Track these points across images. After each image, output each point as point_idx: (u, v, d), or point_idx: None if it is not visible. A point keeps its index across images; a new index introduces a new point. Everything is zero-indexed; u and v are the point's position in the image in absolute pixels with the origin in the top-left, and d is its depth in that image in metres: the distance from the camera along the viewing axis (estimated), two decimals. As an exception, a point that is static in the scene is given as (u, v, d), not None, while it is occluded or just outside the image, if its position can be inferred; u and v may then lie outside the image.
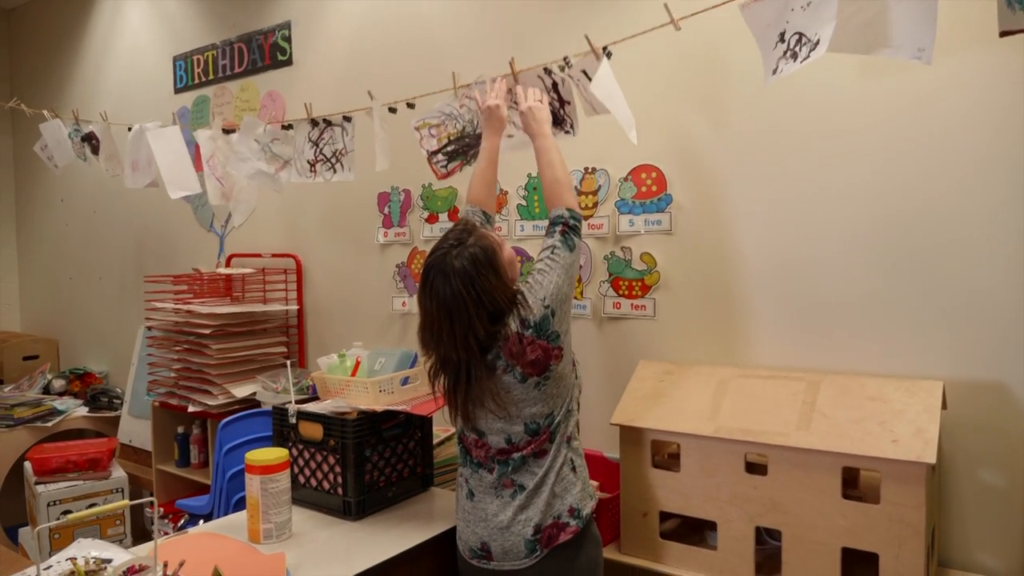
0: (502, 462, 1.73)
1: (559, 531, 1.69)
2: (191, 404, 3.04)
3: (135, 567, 1.47)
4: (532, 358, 1.66)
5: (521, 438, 1.71)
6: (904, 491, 1.63)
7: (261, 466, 1.84)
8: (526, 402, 1.69)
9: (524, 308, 1.68)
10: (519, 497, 1.70)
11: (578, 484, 1.74)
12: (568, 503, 1.71)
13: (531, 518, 1.69)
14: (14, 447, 3.72)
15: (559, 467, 1.72)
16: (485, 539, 1.72)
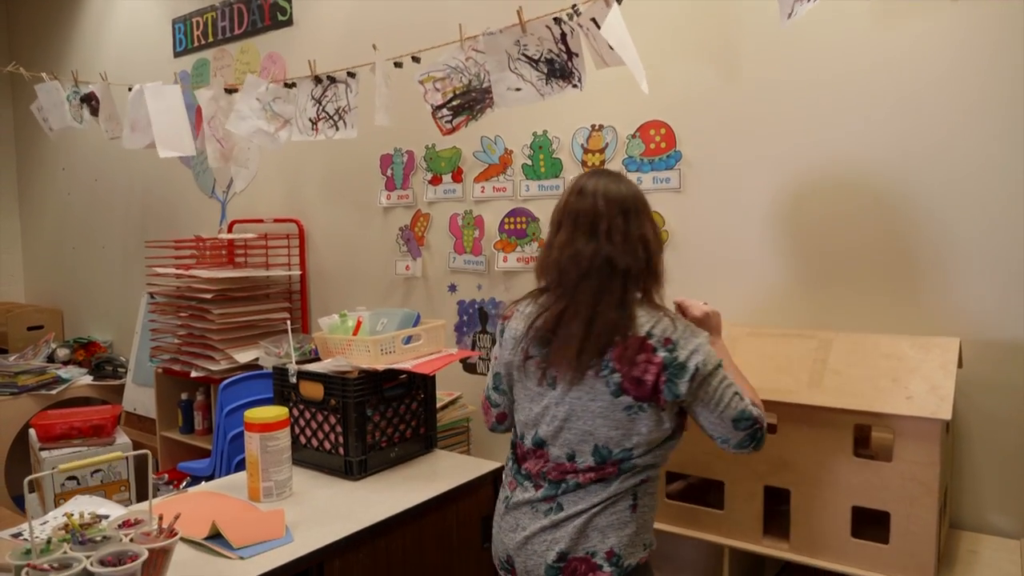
0: (553, 482, 1.46)
1: (588, 571, 1.41)
2: (194, 369, 3.02)
3: (130, 521, 1.45)
4: (639, 375, 1.39)
5: (585, 460, 1.43)
6: (918, 449, 1.59)
7: (260, 424, 1.81)
8: (605, 420, 1.41)
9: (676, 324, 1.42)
10: (552, 515, 1.45)
11: (632, 526, 1.44)
12: (609, 544, 1.42)
13: (557, 541, 1.43)
14: (19, 415, 3.72)
15: (615, 499, 1.43)
16: (511, 552, 1.51)
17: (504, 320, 1.61)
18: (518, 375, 1.54)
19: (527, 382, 1.51)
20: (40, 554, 1.29)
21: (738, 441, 1.46)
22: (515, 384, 1.56)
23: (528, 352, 1.49)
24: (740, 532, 1.82)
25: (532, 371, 1.49)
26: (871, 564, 1.66)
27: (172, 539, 1.36)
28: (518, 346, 1.51)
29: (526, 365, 1.50)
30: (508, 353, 1.55)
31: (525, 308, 1.55)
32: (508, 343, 1.55)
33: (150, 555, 1.32)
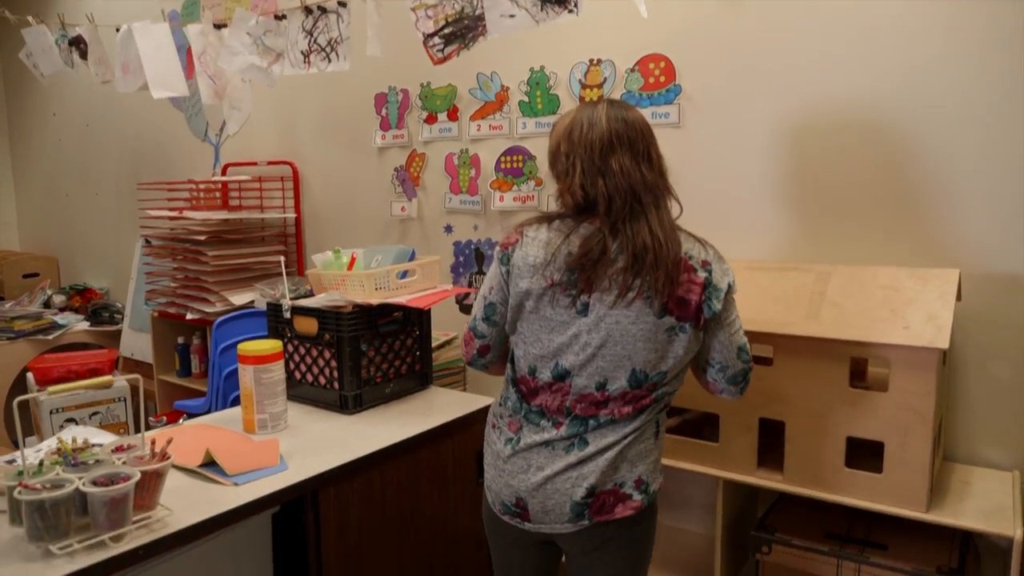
0: (580, 418, 1.41)
1: (617, 502, 1.41)
2: (189, 312, 3.01)
3: (123, 446, 1.45)
4: (683, 295, 1.37)
5: (619, 386, 1.39)
6: (913, 379, 1.58)
7: (254, 356, 1.80)
8: (646, 343, 1.38)
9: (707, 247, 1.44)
10: (575, 451, 1.41)
11: (655, 453, 1.46)
12: (638, 472, 1.42)
13: (586, 476, 1.39)
14: (16, 359, 3.71)
15: (643, 428, 1.43)
16: (522, 495, 1.44)
17: (507, 247, 1.47)
18: (534, 304, 1.42)
19: (548, 311, 1.41)
20: (32, 476, 1.29)
21: (734, 373, 1.46)
22: (525, 315, 1.44)
23: (554, 279, 1.39)
24: (735, 464, 1.83)
25: (559, 298, 1.40)
26: (864, 494, 1.67)
27: (165, 462, 1.36)
28: (539, 273, 1.40)
29: (551, 293, 1.40)
30: (525, 281, 1.42)
31: (537, 234, 1.44)
32: (524, 271, 1.42)
33: (143, 477, 1.32)
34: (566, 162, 1.44)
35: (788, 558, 1.77)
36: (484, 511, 1.58)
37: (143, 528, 1.33)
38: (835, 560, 1.72)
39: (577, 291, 1.39)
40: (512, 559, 1.58)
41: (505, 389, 1.53)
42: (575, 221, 1.42)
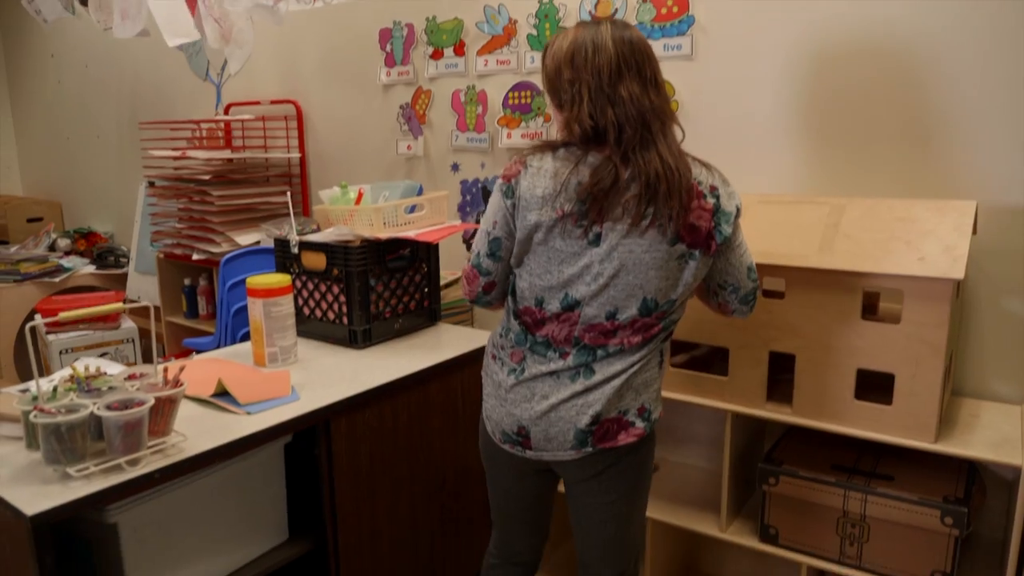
0: (586, 348, 1.40)
1: (620, 429, 1.41)
2: (195, 253, 3.00)
3: (135, 374, 1.45)
4: (694, 221, 1.35)
5: (629, 315, 1.37)
6: (927, 310, 1.57)
7: (263, 290, 1.79)
8: (659, 271, 1.36)
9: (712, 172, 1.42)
10: (580, 380, 1.41)
11: (658, 382, 1.47)
12: (641, 400, 1.43)
13: (591, 404, 1.39)
14: (24, 302, 3.72)
15: (648, 358, 1.43)
16: (524, 423, 1.44)
17: (510, 179, 1.42)
18: (544, 236, 1.38)
19: (558, 242, 1.37)
20: (47, 401, 1.29)
21: (745, 293, 1.47)
22: (533, 248, 1.40)
23: (565, 210, 1.35)
24: (744, 398, 1.83)
25: (570, 229, 1.36)
26: (873, 425, 1.68)
27: (178, 388, 1.37)
28: (549, 204, 1.36)
29: (561, 224, 1.36)
30: (534, 214, 1.37)
31: (542, 164, 1.39)
32: (532, 203, 1.37)
33: (157, 403, 1.33)
34: (571, 90, 1.37)
35: (795, 489, 1.79)
36: (481, 440, 1.58)
37: (158, 453, 1.35)
38: (841, 491, 1.74)
39: (589, 221, 1.35)
40: (508, 487, 1.59)
41: (506, 320, 1.50)
42: (582, 150, 1.37)
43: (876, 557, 1.73)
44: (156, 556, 1.43)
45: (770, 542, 1.86)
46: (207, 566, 1.53)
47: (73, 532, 1.46)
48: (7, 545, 1.26)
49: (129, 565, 1.39)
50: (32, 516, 1.15)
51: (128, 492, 1.28)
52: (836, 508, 1.75)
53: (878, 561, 1.72)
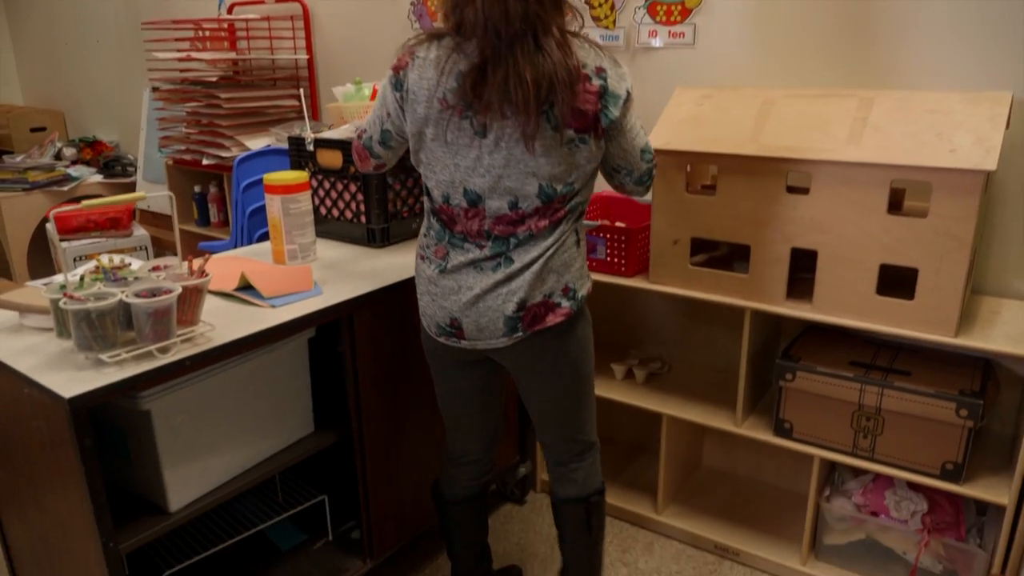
0: (500, 238, 1.40)
1: (547, 311, 1.43)
2: (205, 157, 2.96)
3: (159, 266, 1.45)
4: (580, 105, 1.32)
5: (531, 203, 1.37)
6: (955, 203, 1.55)
7: (281, 186, 1.77)
8: (548, 158, 1.35)
9: (601, 54, 1.37)
10: (501, 269, 1.41)
11: (579, 261, 1.47)
12: (564, 281, 1.44)
13: (515, 292, 1.41)
14: (34, 211, 3.71)
15: (563, 240, 1.43)
16: (455, 314, 1.45)
17: (399, 70, 1.40)
18: (434, 131, 1.37)
19: (448, 135, 1.37)
20: (74, 290, 1.29)
21: (640, 174, 1.48)
22: (427, 144, 1.40)
23: (449, 101, 1.34)
24: (763, 295, 1.84)
25: (456, 122, 1.35)
26: (894, 320, 1.68)
27: (204, 278, 1.37)
28: (434, 96, 1.34)
29: (447, 116, 1.35)
30: (422, 107, 1.36)
31: (427, 54, 1.36)
32: (420, 95, 1.36)
33: (184, 292, 1.33)
34: None
35: (812, 384, 1.82)
36: (422, 339, 1.59)
37: (188, 342, 1.36)
38: (858, 385, 1.76)
39: (472, 112, 1.34)
40: (451, 384, 1.60)
41: (427, 219, 1.50)
42: (463, 39, 1.33)
43: (889, 449, 1.76)
44: (188, 444, 1.46)
45: (784, 436, 1.90)
46: (237, 455, 1.57)
47: (107, 421, 1.49)
48: (45, 430, 1.29)
49: (163, 451, 1.42)
50: (70, 399, 1.17)
51: (160, 379, 1.30)
52: (852, 402, 1.78)
53: (890, 453, 1.76)
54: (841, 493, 1.96)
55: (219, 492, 1.52)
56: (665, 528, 2.18)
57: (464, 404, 1.63)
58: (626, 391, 2.17)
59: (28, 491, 1.45)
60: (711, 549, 2.10)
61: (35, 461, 1.37)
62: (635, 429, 2.54)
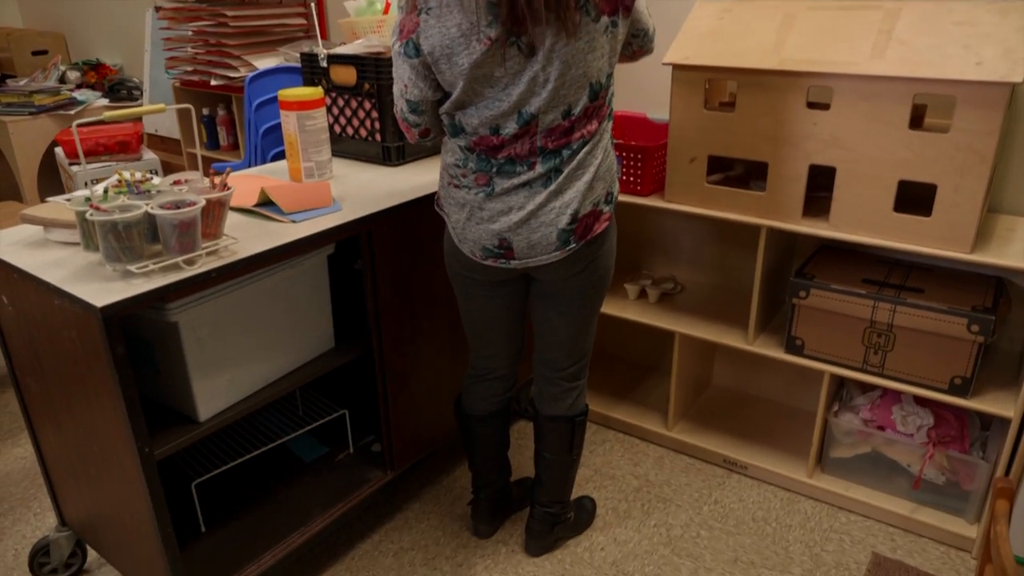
0: (551, 153, 1.39)
1: (595, 220, 1.45)
2: (213, 78, 2.92)
3: (181, 180, 1.46)
4: None
5: (582, 106, 1.36)
6: (978, 116, 1.54)
7: (297, 102, 1.76)
8: (594, 52, 1.34)
9: None
10: (553, 183, 1.41)
11: (616, 165, 1.51)
12: (606, 186, 1.46)
13: (568, 204, 1.41)
14: (42, 135, 3.69)
15: (606, 143, 1.45)
16: (506, 235, 1.44)
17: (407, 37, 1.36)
18: (481, 72, 1.33)
19: (497, 70, 1.33)
20: (99, 202, 1.30)
21: (653, 32, 1.51)
22: (472, 87, 1.35)
23: (491, 36, 1.29)
24: (780, 212, 1.84)
25: (502, 53, 1.31)
26: (910, 237, 1.69)
27: (226, 191, 1.37)
28: (473, 38, 1.30)
29: (492, 51, 1.30)
30: (463, 56, 1.31)
31: (440, 2, 1.31)
32: (455, 47, 1.31)
33: (207, 205, 1.34)
34: None
35: (825, 301, 1.84)
36: (449, 262, 1.59)
37: (212, 255, 1.38)
38: (871, 302, 1.78)
39: (515, 37, 1.30)
40: (484, 300, 1.61)
41: (457, 154, 1.46)
42: None
43: (899, 365, 1.80)
44: (214, 356, 1.50)
45: (795, 353, 1.93)
46: (261, 368, 1.61)
47: (136, 335, 1.52)
48: (77, 340, 1.32)
49: (191, 363, 1.46)
50: (102, 308, 1.19)
51: (187, 291, 1.32)
52: (864, 319, 1.80)
53: (901, 368, 1.80)
54: (849, 409, 2.00)
55: (245, 404, 1.57)
56: (675, 443, 2.24)
57: (494, 323, 1.66)
58: (639, 310, 2.20)
59: (61, 401, 1.50)
60: (720, 463, 2.17)
61: (67, 372, 1.41)
62: (647, 348, 2.58)
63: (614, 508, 2.00)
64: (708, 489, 2.07)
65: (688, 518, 1.97)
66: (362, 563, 1.84)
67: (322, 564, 1.85)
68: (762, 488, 2.07)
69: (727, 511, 1.99)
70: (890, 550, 1.85)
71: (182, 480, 1.86)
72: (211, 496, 1.83)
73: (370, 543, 1.91)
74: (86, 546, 1.83)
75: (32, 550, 1.77)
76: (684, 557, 1.83)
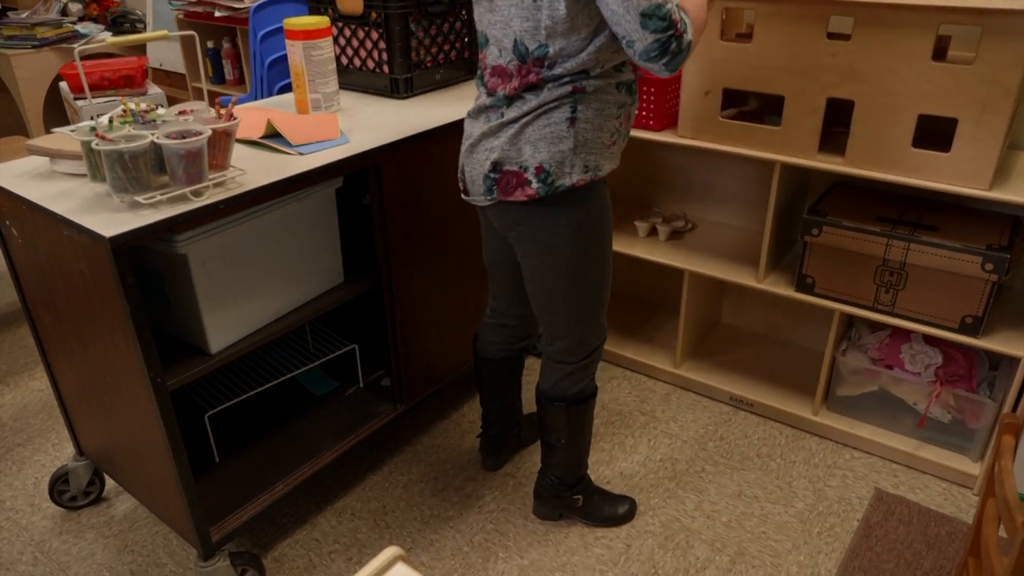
0: (491, 93, 1.36)
1: (516, 186, 1.35)
2: (217, 9, 2.86)
3: (187, 110, 1.43)
4: None
5: (510, 59, 1.31)
6: (1004, 48, 1.49)
7: (303, 31, 1.72)
8: (512, 13, 1.27)
9: None
10: (492, 121, 1.36)
11: (567, 143, 1.32)
12: (540, 159, 1.32)
13: (493, 150, 1.36)
14: (46, 69, 3.64)
15: (549, 109, 1.31)
16: (461, 162, 1.46)
17: None
18: None
19: None
20: (105, 132, 1.29)
21: (645, 47, 1.19)
22: None
23: None
24: (794, 148, 1.80)
25: None
26: (928, 173, 1.66)
27: (233, 121, 1.36)
28: None
29: None
30: None
31: None
32: None
33: (213, 135, 1.32)
34: None
35: (838, 239, 1.82)
36: None
37: (219, 186, 1.37)
38: (885, 240, 1.76)
39: None
40: (485, 237, 1.63)
41: None
42: None
43: (910, 304, 1.78)
44: (224, 288, 1.50)
45: (806, 291, 1.92)
46: (271, 300, 1.61)
47: (146, 267, 1.53)
48: (87, 271, 1.32)
49: (201, 295, 1.46)
50: (111, 238, 1.19)
51: (195, 222, 1.32)
52: (877, 257, 1.78)
53: (911, 307, 1.79)
54: (857, 348, 2.00)
55: (256, 336, 1.58)
56: (682, 381, 2.25)
57: (489, 258, 1.65)
58: (648, 248, 2.19)
59: (74, 334, 1.51)
60: (726, 400, 2.18)
61: (79, 304, 1.42)
62: (656, 286, 2.58)
63: (620, 443, 2.03)
64: (714, 425, 2.10)
65: (693, 453, 1.99)
66: (373, 493, 1.88)
67: (334, 494, 1.89)
68: (768, 425, 2.09)
69: (732, 447, 2.01)
70: (892, 486, 1.87)
71: (196, 412, 1.89)
72: (224, 428, 1.86)
73: (381, 474, 1.94)
74: (104, 475, 1.88)
75: (52, 479, 1.81)
76: (689, 491, 1.87)
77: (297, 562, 1.70)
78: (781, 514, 1.80)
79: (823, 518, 1.78)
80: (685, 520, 1.78)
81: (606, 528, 1.77)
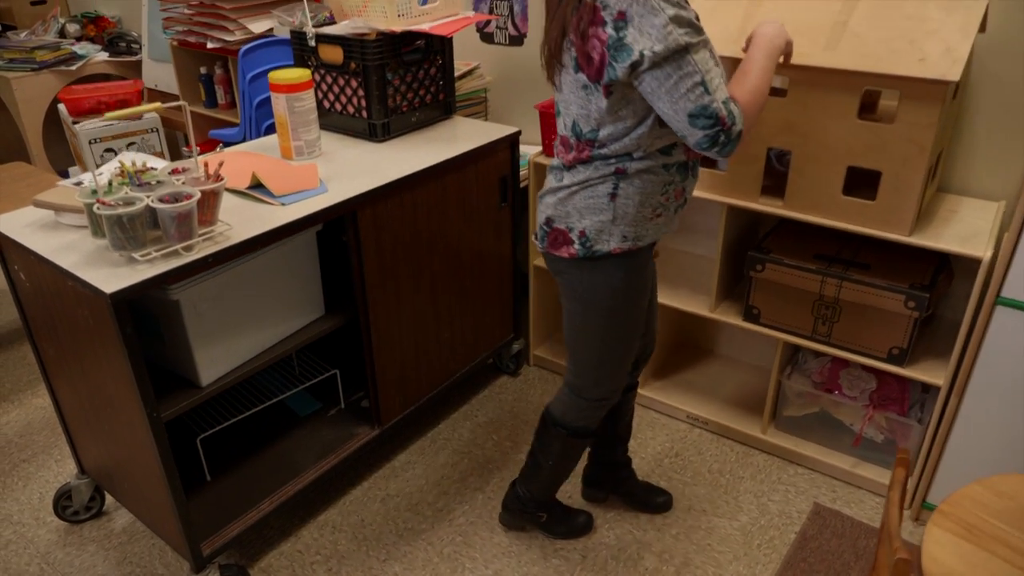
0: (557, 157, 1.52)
1: (562, 243, 1.51)
2: (209, 40, 2.99)
3: (178, 169, 1.59)
4: (589, 51, 1.31)
5: (569, 134, 1.45)
6: (920, 110, 1.64)
7: (286, 85, 1.87)
8: (573, 95, 1.40)
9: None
10: (552, 183, 1.51)
11: (607, 214, 1.44)
12: (583, 225, 1.47)
13: (549, 206, 1.52)
14: (45, 91, 3.78)
15: (594, 183, 1.44)
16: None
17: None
18: None
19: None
20: (104, 195, 1.44)
21: (696, 140, 1.30)
22: None
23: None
24: (740, 192, 1.96)
25: None
26: (857, 219, 1.82)
27: (220, 182, 1.51)
28: None
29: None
30: None
31: None
32: None
33: (202, 196, 1.48)
34: None
35: (779, 275, 1.98)
36: None
37: (208, 240, 1.52)
38: (820, 277, 1.92)
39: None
40: None
41: None
42: None
43: (844, 335, 1.95)
44: (214, 327, 1.66)
45: (752, 321, 2.08)
46: (257, 336, 1.77)
47: (142, 307, 1.68)
48: (90, 318, 1.47)
49: (193, 335, 1.62)
50: (111, 294, 1.35)
51: (186, 274, 1.47)
52: (813, 292, 1.95)
53: (845, 339, 1.95)
54: (802, 372, 2.17)
55: (244, 368, 1.74)
56: (643, 399, 2.41)
57: None
58: (612, 277, 2.34)
59: (75, 366, 1.66)
60: (683, 419, 2.35)
61: (81, 342, 1.57)
62: (623, 309, 2.73)
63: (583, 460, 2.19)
64: (671, 443, 2.26)
65: (650, 469, 2.16)
66: (352, 508, 2.05)
67: (316, 509, 2.05)
68: (720, 442, 2.26)
69: (686, 463, 2.18)
70: (831, 500, 2.04)
71: (188, 435, 2.04)
72: (215, 448, 2.02)
73: (360, 490, 2.11)
74: (104, 491, 2.03)
75: (56, 495, 1.97)
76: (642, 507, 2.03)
77: (281, 572, 1.86)
78: (726, 527, 1.96)
79: (764, 531, 1.95)
80: (638, 533, 1.95)
81: (564, 540, 1.93)
